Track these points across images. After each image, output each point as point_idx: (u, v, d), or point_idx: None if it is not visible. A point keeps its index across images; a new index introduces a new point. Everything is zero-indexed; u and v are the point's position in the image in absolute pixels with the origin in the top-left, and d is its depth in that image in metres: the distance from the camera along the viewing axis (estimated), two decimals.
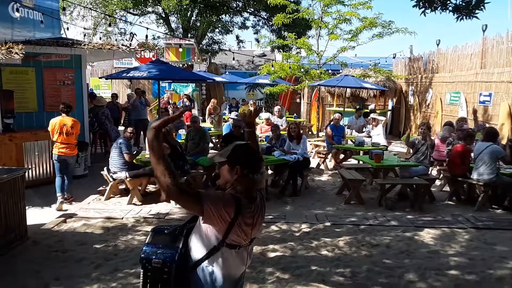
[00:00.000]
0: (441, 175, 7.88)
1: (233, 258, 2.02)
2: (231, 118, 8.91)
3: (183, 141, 8.19)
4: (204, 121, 12.72)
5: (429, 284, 4.06)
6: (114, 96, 12.32)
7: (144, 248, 2.06)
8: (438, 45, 13.37)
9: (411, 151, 7.46)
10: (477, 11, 4.56)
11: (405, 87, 15.37)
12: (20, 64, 7.15)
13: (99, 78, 16.04)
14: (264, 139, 8.88)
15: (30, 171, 7.22)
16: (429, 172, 7.64)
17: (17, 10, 7.53)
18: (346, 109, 12.69)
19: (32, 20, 8.22)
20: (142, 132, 10.94)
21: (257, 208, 2.07)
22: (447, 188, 7.50)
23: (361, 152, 9.00)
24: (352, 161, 9.16)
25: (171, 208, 6.36)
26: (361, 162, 8.14)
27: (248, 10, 21.10)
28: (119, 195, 7.04)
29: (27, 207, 5.25)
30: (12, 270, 4.22)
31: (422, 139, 7.26)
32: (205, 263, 2.00)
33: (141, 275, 2.04)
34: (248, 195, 2.03)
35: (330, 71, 14.55)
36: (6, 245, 4.62)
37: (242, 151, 2.05)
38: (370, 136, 9.49)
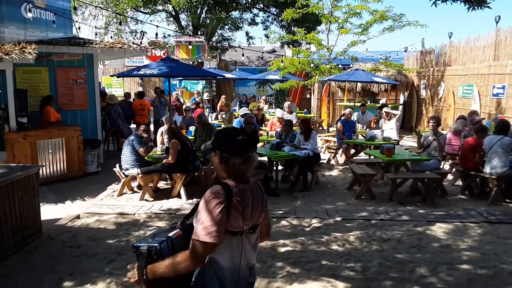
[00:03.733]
0: (453, 169, 7.80)
1: (234, 245, 2.00)
2: (242, 115, 8.93)
3: (193, 137, 8.23)
4: (216, 118, 12.73)
5: (441, 278, 4.03)
6: (127, 95, 12.44)
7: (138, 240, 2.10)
8: (450, 37, 13.21)
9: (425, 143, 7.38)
10: (488, 0, 4.49)
11: (417, 80, 15.20)
12: (33, 64, 7.29)
13: (111, 76, 16.22)
14: (274, 135, 8.88)
15: (44, 168, 7.35)
16: (441, 166, 7.56)
17: (30, 11, 7.66)
18: (356, 104, 12.60)
19: (45, 20, 8.35)
20: None
21: (252, 190, 2.06)
22: (459, 182, 7.41)
23: (371, 147, 8.93)
24: (363, 156, 9.11)
25: (182, 204, 6.42)
26: (372, 157, 8.09)
27: (258, 6, 21.05)
28: (131, 191, 7.13)
29: (41, 204, 5.35)
30: (27, 265, 4.32)
31: (433, 133, 7.19)
32: None
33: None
34: (236, 177, 2.03)
35: (340, 66, 14.46)
36: (22, 240, 4.73)
37: (220, 135, 2.10)
38: (381, 130, 9.39)
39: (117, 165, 6.97)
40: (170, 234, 2.07)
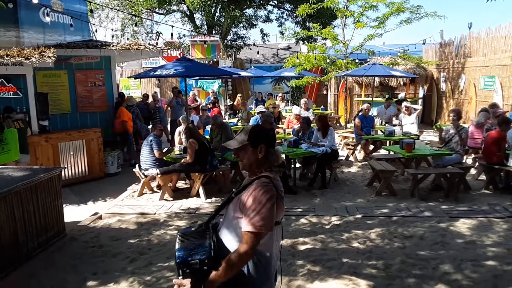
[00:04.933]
0: (476, 163, 7.61)
1: (275, 234, 2.09)
2: (259, 113, 8.90)
3: (209, 137, 8.24)
4: (235, 116, 12.71)
5: (466, 275, 3.94)
6: (145, 96, 12.57)
7: (177, 253, 2.01)
8: (470, 28, 12.90)
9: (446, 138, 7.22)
10: None
11: (436, 73, 14.90)
12: (53, 68, 7.44)
13: (128, 77, 16.40)
14: (291, 133, 8.83)
15: (66, 170, 7.49)
16: (464, 161, 7.39)
17: (48, 15, 7.80)
18: (374, 99, 12.42)
19: (62, 24, 8.49)
20: None
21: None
22: (483, 177, 7.24)
23: (390, 142, 8.78)
24: (383, 152, 8.98)
25: (201, 203, 6.45)
26: (391, 153, 7.96)
27: (272, 3, 20.97)
28: (151, 191, 7.20)
29: (64, 205, 5.45)
30: (52, 265, 4.41)
31: (454, 127, 7.03)
32: None
33: (181, 278, 2.00)
34: (271, 170, 2.13)
35: (357, 61, 14.26)
36: (46, 241, 4.83)
37: (260, 130, 2.19)
38: (401, 125, 9.23)
39: (137, 165, 7.06)
40: (208, 241, 2.04)
